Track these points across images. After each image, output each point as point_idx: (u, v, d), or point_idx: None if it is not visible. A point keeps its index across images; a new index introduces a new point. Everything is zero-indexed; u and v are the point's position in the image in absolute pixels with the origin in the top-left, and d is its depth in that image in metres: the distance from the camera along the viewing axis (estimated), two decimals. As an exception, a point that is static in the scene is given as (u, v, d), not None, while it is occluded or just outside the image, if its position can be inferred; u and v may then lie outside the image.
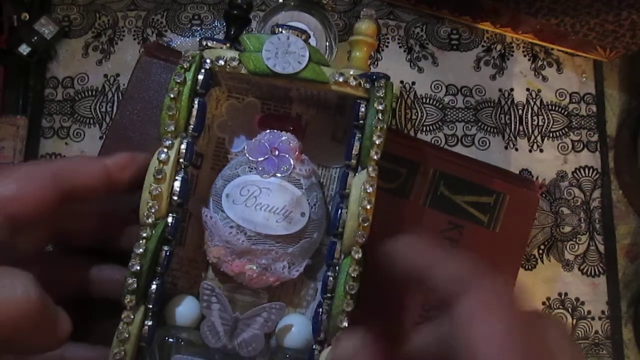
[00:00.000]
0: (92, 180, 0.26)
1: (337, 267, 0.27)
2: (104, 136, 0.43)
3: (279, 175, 0.28)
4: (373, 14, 0.31)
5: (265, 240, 0.28)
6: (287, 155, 0.28)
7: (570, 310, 0.45)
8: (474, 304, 0.18)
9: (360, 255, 0.26)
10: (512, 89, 0.46)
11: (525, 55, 0.47)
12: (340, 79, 0.27)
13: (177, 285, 0.31)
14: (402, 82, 0.46)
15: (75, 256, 0.28)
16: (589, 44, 0.44)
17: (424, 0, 0.45)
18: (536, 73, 0.47)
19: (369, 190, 0.26)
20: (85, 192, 0.26)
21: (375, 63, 0.46)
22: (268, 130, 0.29)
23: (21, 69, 0.44)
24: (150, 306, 0.26)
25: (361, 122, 0.27)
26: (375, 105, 0.27)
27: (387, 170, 0.36)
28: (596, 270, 0.45)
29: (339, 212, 0.27)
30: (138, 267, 0.25)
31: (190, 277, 0.31)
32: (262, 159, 0.28)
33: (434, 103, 0.46)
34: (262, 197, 0.27)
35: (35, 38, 0.43)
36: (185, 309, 0.29)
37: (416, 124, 0.45)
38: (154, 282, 0.26)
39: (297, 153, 0.29)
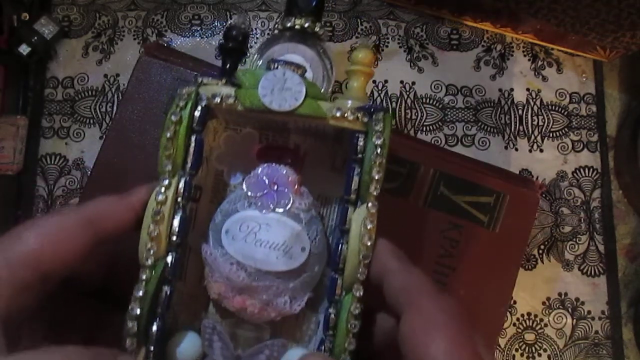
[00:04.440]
0: (123, 223, 0.25)
1: (338, 304, 0.26)
2: (104, 136, 0.43)
3: (278, 210, 0.28)
4: (369, 43, 0.30)
5: (266, 276, 0.27)
6: (286, 190, 0.28)
7: (570, 310, 0.45)
8: (415, 319, 0.21)
9: (361, 293, 0.25)
10: (512, 89, 0.46)
11: (525, 55, 0.47)
12: (338, 114, 0.26)
13: (178, 320, 0.30)
14: (402, 82, 0.46)
15: (81, 299, 0.27)
16: (589, 44, 0.44)
17: (424, 0, 0.45)
18: (536, 73, 0.47)
19: (369, 227, 0.26)
20: (117, 235, 0.25)
21: (375, 63, 0.46)
22: (266, 164, 0.29)
23: (21, 69, 0.44)
24: (152, 348, 0.26)
25: (359, 155, 0.27)
26: (374, 140, 0.26)
27: (387, 170, 0.36)
28: (596, 270, 0.45)
29: (340, 247, 0.27)
30: (138, 311, 0.24)
31: (191, 312, 0.30)
32: (261, 194, 0.28)
33: (434, 103, 0.46)
34: (262, 233, 0.27)
35: (35, 38, 0.43)
36: (187, 347, 0.28)
37: (416, 124, 0.45)
38: (155, 323, 0.26)
39: (296, 186, 0.28)
